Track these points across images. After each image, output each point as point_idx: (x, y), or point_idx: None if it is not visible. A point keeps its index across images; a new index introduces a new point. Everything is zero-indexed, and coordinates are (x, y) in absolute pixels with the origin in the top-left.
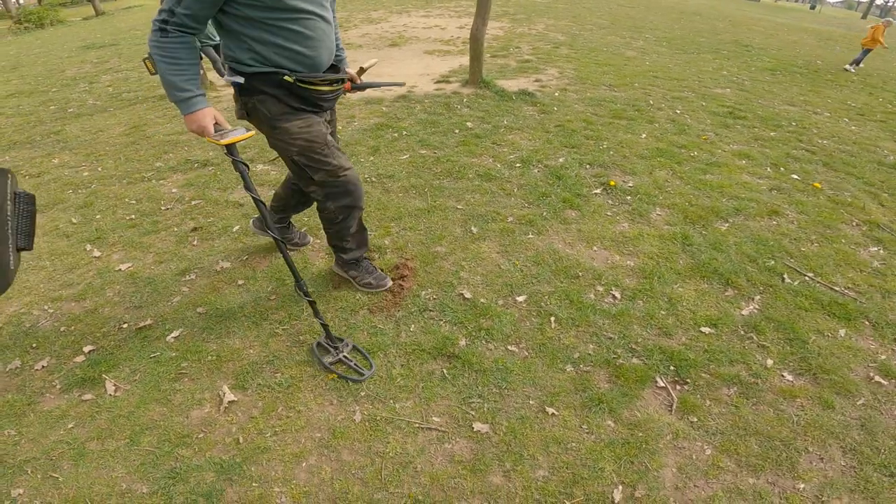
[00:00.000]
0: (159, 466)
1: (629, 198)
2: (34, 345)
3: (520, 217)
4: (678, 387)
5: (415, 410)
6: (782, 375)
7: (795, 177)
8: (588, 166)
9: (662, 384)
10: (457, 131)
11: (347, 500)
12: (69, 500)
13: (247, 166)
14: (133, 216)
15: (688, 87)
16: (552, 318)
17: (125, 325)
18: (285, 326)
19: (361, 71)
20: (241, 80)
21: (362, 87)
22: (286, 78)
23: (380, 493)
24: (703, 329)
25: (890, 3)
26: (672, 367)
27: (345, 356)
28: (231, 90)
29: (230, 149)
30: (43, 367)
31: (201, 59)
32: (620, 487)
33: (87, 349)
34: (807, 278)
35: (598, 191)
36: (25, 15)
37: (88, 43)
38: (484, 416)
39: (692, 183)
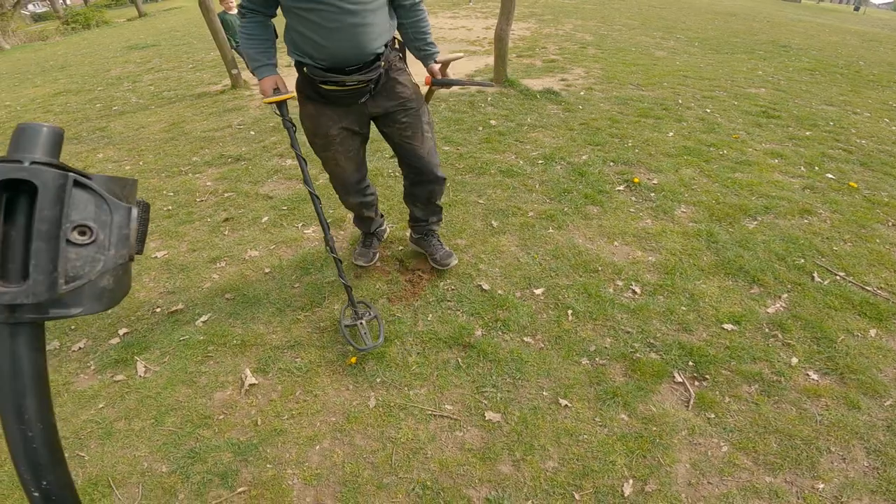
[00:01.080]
0: (180, 446)
1: (653, 195)
2: (73, 327)
3: (540, 212)
4: (696, 383)
5: (428, 398)
6: (807, 374)
7: (830, 176)
8: (612, 164)
9: (680, 379)
10: (480, 129)
11: (357, 483)
12: (92, 479)
13: (294, 126)
14: (170, 207)
15: (720, 87)
16: (569, 311)
17: (158, 310)
18: (307, 313)
19: (443, 66)
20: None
21: (444, 84)
22: (304, 69)
23: (389, 478)
24: (725, 326)
25: None
26: (691, 363)
27: (361, 323)
28: None
29: (279, 108)
30: (80, 348)
31: (276, 37)
32: (631, 481)
33: (121, 332)
34: (838, 277)
35: (621, 188)
36: (73, 16)
37: (132, 44)
38: (496, 406)
39: (720, 181)
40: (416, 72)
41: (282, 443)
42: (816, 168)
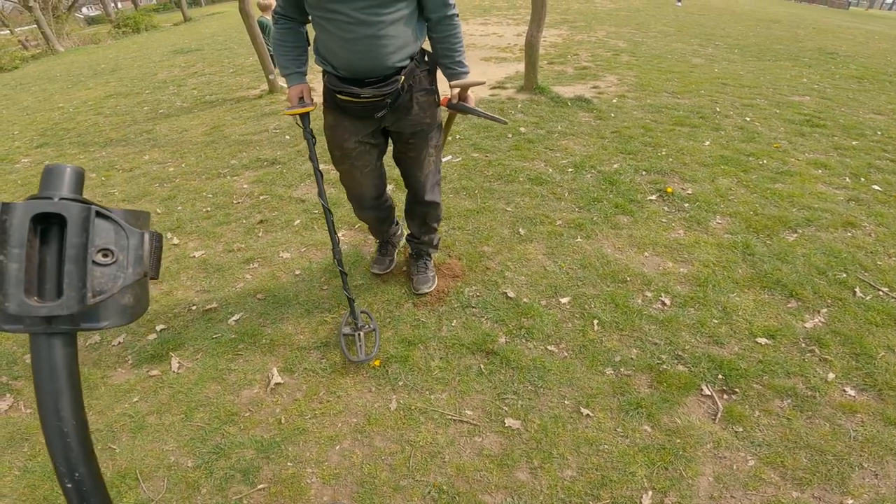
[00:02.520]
0: (206, 442)
1: (687, 205)
2: None
3: (569, 221)
4: (725, 396)
5: (449, 403)
6: (844, 390)
7: (877, 188)
8: (644, 173)
9: (708, 392)
10: (509, 136)
11: (374, 484)
12: (121, 472)
13: (314, 138)
14: (209, 208)
15: (760, 95)
16: (595, 321)
17: (194, 308)
18: (334, 315)
19: (462, 89)
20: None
21: (458, 110)
22: (325, 77)
23: (406, 481)
24: (759, 340)
25: None
26: (720, 376)
27: (359, 335)
28: None
29: (301, 119)
30: (119, 343)
31: (308, 44)
32: (650, 493)
33: (159, 328)
34: (881, 293)
35: (653, 197)
36: (123, 20)
37: (178, 48)
38: (517, 413)
39: (759, 192)
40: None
41: (303, 441)
42: (862, 179)
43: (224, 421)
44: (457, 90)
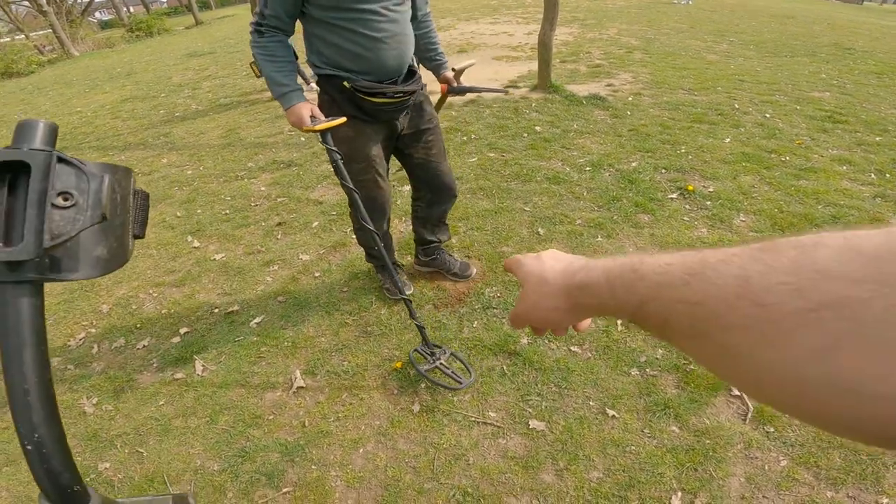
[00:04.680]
0: (232, 445)
1: (709, 203)
2: (138, 325)
3: (588, 220)
4: None
5: (472, 405)
6: None
7: None
8: (664, 171)
9: (737, 392)
10: (525, 135)
11: (398, 487)
12: (148, 475)
13: (340, 155)
14: (227, 211)
15: (779, 91)
16: (619, 322)
17: (216, 310)
18: (354, 317)
19: (457, 73)
20: (313, 83)
21: (460, 91)
22: (345, 84)
23: (430, 483)
24: None
25: None
26: None
27: (442, 363)
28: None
29: (324, 137)
30: (144, 346)
31: (296, 58)
32: (680, 494)
33: (182, 331)
34: None
35: (674, 195)
36: (136, 24)
37: (191, 51)
38: (541, 414)
39: (783, 189)
40: (464, 79)
41: (327, 444)
42: (888, 175)
43: (248, 424)
44: (451, 74)
